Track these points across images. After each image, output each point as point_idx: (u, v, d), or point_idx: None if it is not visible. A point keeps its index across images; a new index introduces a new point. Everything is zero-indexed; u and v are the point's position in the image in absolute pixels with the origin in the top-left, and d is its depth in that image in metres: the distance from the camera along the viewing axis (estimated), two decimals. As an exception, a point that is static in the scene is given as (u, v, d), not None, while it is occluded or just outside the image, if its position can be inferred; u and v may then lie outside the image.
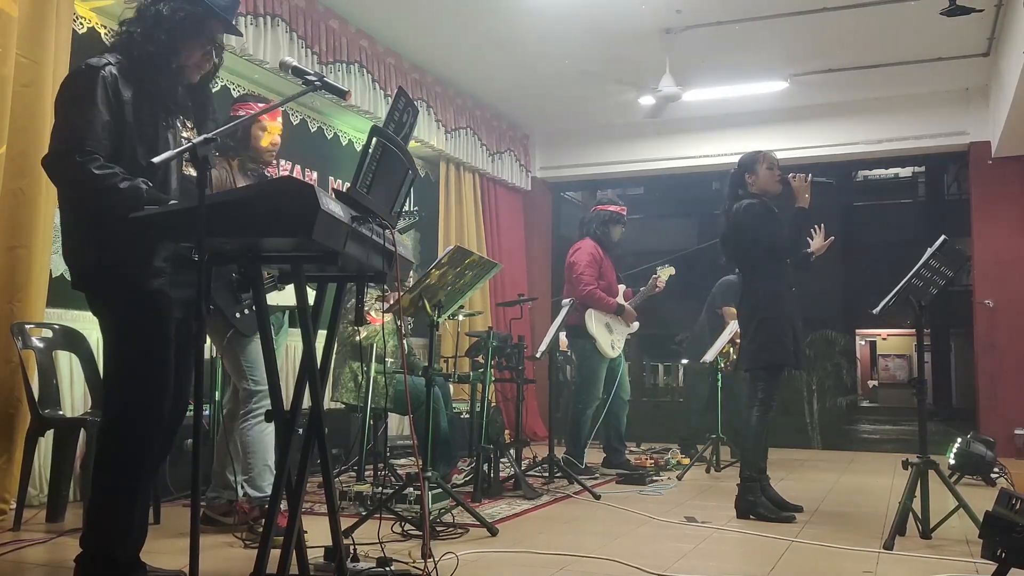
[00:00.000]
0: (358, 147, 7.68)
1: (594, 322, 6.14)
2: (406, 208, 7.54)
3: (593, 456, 6.47)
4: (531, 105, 8.93)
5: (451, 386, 6.59)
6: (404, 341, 3.45)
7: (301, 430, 2.75)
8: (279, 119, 4.09)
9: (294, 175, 6.64)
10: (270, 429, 3.79)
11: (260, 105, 3.98)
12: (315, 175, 7.04)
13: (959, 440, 5.90)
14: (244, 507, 3.75)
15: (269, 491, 3.71)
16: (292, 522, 2.57)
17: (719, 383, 6.71)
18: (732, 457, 6.78)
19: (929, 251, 3.94)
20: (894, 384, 26.38)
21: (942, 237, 3.97)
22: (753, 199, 4.63)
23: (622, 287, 6.52)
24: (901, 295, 3.94)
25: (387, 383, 5.16)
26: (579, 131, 9.65)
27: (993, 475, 5.77)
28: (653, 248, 13.85)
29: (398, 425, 7.14)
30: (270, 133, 4.01)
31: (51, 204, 4.33)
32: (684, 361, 8.40)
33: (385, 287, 3.95)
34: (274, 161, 4.11)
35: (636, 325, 6.54)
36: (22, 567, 3.25)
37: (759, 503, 4.45)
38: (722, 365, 6.69)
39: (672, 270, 6.71)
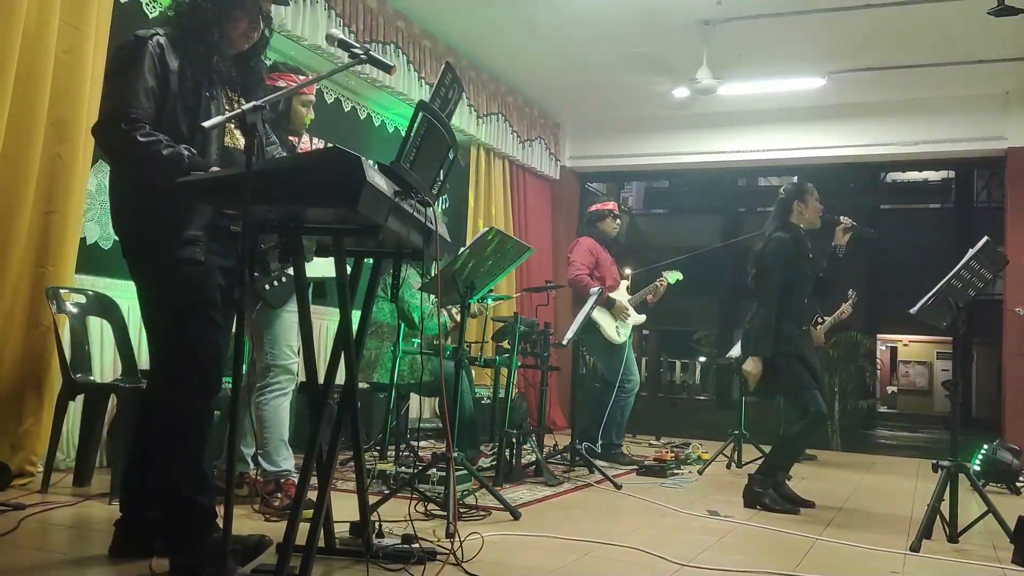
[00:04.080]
0: (391, 128, 7.67)
1: (597, 310, 6.12)
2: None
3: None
4: (563, 94, 8.89)
5: (473, 371, 6.59)
6: (440, 323, 3.45)
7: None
8: (313, 93, 4.10)
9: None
10: (286, 404, 3.80)
11: (296, 77, 3.95)
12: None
13: (984, 447, 5.85)
14: (259, 481, 3.76)
15: (284, 465, 3.73)
16: (322, 496, 2.57)
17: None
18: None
19: (971, 251, 3.89)
20: (913, 390, 26.21)
21: (985, 238, 3.92)
22: (788, 233, 4.68)
23: (625, 282, 6.51)
24: (939, 296, 3.89)
25: (422, 364, 5.16)
26: (610, 122, 9.60)
27: (1019, 483, 5.71)
28: (675, 243, 13.81)
29: (420, 407, 7.14)
30: (306, 106, 4.00)
31: (87, 171, 4.36)
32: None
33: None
34: (304, 134, 4.09)
35: (643, 318, 6.52)
36: (50, 528, 3.27)
37: (766, 494, 4.54)
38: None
39: (680, 275, 6.69)
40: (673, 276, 6.66)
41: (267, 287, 3.71)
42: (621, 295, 6.39)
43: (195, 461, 2.65)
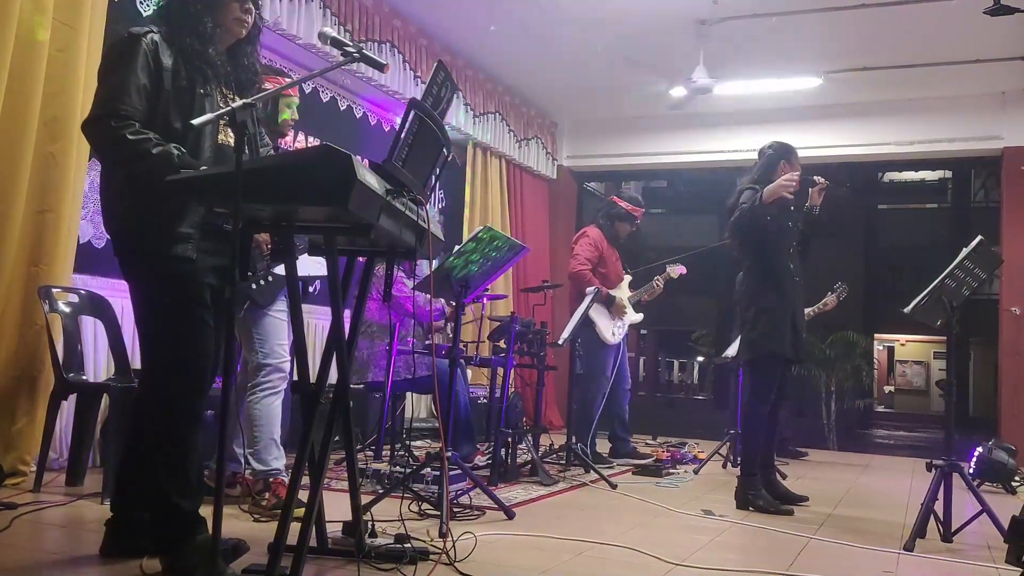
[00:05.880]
0: (386, 127, 7.66)
1: (595, 307, 6.11)
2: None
3: (601, 447, 6.44)
4: (560, 93, 8.88)
5: (470, 371, 6.58)
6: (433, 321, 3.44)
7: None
8: (296, 94, 4.07)
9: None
10: (278, 403, 3.79)
11: (280, 79, 3.93)
12: (344, 154, 7.03)
13: (980, 446, 5.85)
14: (249, 480, 3.75)
15: (274, 465, 3.72)
16: (314, 495, 2.56)
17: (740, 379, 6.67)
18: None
19: (965, 251, 3.89)
20: (910, 390, 26.25)
21: (978, 237, 3.91)
22: (760, 187, 4.61)
23: (628, 278, 6.51)
24: (933, 295, 3.89)
25: (413, 363, 5.15)
26: (607, 121, 9.60)
27: (1014, 483, 5.71)
28: (673, 243, 13.81)
29: (414, 407, 7.14)
30: (290, 107, 3.98)
31: (81, 169, 4.35)
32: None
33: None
34: (289, 133, 4.07)
35: (640, 317, 6.51)
36: (42, 527, 3.26)
37: (759, 495, 4.52)
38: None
39: (683, 268, 6.68)
40: (676, 270, 6.65)
41: (253, 286, 3.70)
42: (623, 292, 6.38)
43: (181, 463, 2.64)
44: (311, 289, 4.09)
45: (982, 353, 19.12)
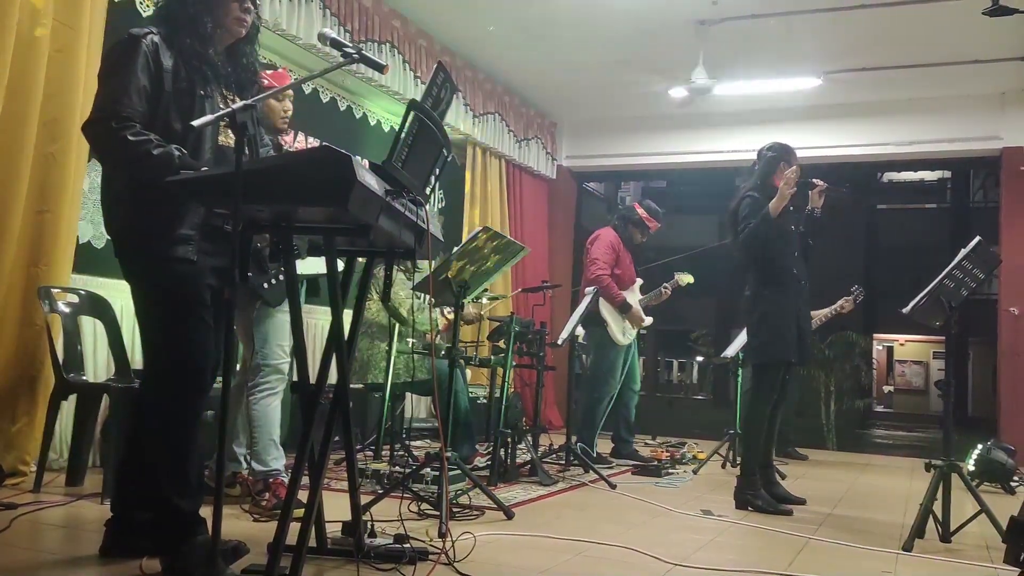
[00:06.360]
0: (386, 128, 7.66)
1: (606, 307, 6.12)
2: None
3: (601, 446, 6.44)
4: (560, 93, 8.88)
5: (469, 371, 6.58)
6: (432, 320, 3.44)
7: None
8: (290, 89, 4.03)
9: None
10: (276, 404, 3.80)
11: (269, 73, 3.91)
12: (344, 154, 7.03)
13: (979, 446, 5.85)
14: (248, 480, 3.76)
15: (274, 465, 3.73)
16: (313, 496, 2.57)
17: (739, 379, 6.68)
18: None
19: (963, 251, 3.89)
20: (909, 390, 26.26)
21: (977, 238, 3.92)
22: (760, 194, 4.62)
23: (640, 281, 6.52)
24: (932, 295, 3.89)
25: (412, 363, 5.15)
26: (607, 121, 9.60)
27: (1013, 483, 5.71)
28: (672, 244, 13.81)
29: (413, 407, 7.14)
30: (281, 101, 3.95)
31: (81, 170, 4.35)
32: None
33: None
34: (287, 129, 4.06)
35: (649, 320, 6.51)
36: (42, 528, 3.27)
37: (758, 495, 4.53)
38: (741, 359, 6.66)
39: (691, 278, 6.69)
40: (685, 279, 6.67)
41: (265, 285, 3.70)
42: (634, 295, 6.37)
43: (180, 463, 2.64)
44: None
45: (981, 353, 19.12)
